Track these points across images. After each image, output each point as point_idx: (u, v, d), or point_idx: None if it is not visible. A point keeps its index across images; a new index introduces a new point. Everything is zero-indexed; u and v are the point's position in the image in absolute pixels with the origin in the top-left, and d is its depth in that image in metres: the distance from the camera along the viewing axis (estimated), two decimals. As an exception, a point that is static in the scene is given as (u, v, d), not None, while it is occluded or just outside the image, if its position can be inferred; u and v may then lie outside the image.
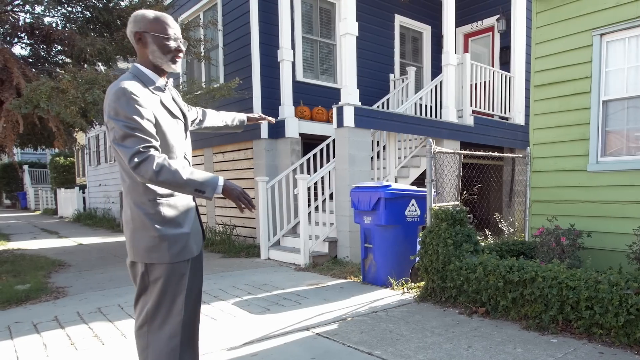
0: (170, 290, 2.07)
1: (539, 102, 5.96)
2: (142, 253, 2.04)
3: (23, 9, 7.23)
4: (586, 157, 5.45)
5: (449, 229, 4.73)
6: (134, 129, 1.90)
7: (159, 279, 2.04)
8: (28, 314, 4.60)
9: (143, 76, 2.08)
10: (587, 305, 3.61)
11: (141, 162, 1.87)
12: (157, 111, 2.03)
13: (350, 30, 6.97)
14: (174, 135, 2.12)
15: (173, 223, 2.07)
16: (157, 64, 2.10)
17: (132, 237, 2.06)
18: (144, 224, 2.03)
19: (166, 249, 2.04)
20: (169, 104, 2.13)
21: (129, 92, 1.93)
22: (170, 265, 2.05)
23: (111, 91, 1.97)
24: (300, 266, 6.84)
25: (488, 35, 10.72)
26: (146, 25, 2.07)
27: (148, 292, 2.08)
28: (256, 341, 3.68)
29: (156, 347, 2.08)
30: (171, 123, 2.12)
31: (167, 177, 1.89)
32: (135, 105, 1.93)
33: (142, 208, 2.03)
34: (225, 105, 8.86)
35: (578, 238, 4.96)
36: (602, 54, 5.35)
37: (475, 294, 4.41)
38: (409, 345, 3.52)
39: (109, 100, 1.96)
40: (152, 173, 1.87)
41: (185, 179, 1.91)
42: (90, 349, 3.59)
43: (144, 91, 2.01)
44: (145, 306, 2.08)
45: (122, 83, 1.97)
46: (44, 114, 5.79)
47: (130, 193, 2.06)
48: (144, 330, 2.09)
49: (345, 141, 6.96)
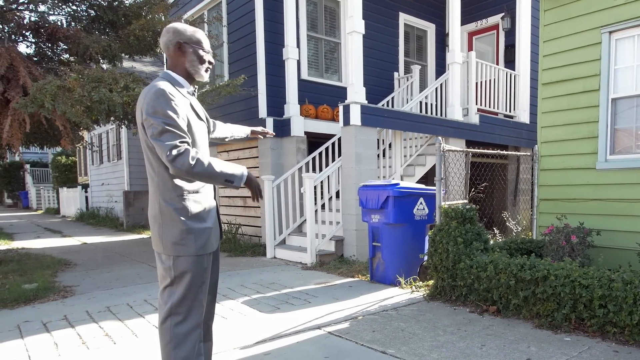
0: (195, 282, 2.21)
1: (547, 100, 5.93)
2: (170, 246, 2.18)
3: (28, 8, 7.22)
4: (595, 155, 5.43)
5: (459, 227, 4.71)
6: (171, 126, 2.08)
7: (186, 271, 2.19)
8: (37, 313, 4.58)
9: (175, 82, 2.27)
10: (601, 304, 3.59)
11: (178, 156, 2.03)
12: (188, 113, 2.23)
13: (357, 28, 6.94)
14: (200, 136, 2.31)
15: (198, 218, 2.23)
16: (191, 72, 2.32)
17: (160, 231, 2.21)
18: (172, 218, 2.18)
19: (192, 241, 2.19)
20: (197, 108, 2.34)
21: (167, 93, 2.12)
22: (195, 258, 2.20)
23: (150, 91, 2.15)
24: (307, 265, 6.82)
25: (493, 33, 10.69)
26: (188, 37, 2.30)
27: (174, 285, 2.20)
28: (268, 340, 3.67)
29: (179, 340, 2.19)
30: (199, 125, 2.32)
31: (202, 169, 2.07)
32: (172, 104, 2.12)
33: (171, 203, 2.19)
34: (230, 103, 8.86)
35: (587, 236, 4.95)
36: (611, 52, 5.32)
37: (486, 292, 4.40)
38: (422, 344, 3.51)
39: (147, 99, 2.13)
40: (188, 165, 2.04)
41: (218, 171, 2.12)
42: (102, 348, 3.57)
43: (178, 94, 2.21)
44: (170, 298, 2.20)
45: (160, 84, 2.16)
46: (50, 113, 5.78)
47: (159, 189, 2.21)
48: (167, 325, 2.20)
49: (351, 139, 6.94)
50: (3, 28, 6.96)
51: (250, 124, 8.54)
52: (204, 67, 2.35)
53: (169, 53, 2.31)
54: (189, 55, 2.30)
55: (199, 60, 2.32)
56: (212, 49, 8.82)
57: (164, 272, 2.22)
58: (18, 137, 6.15)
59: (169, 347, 2.20)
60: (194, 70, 2.32)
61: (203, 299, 2.27)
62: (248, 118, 8.64)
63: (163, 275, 2.23)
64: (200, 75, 2.35)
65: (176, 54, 2.30)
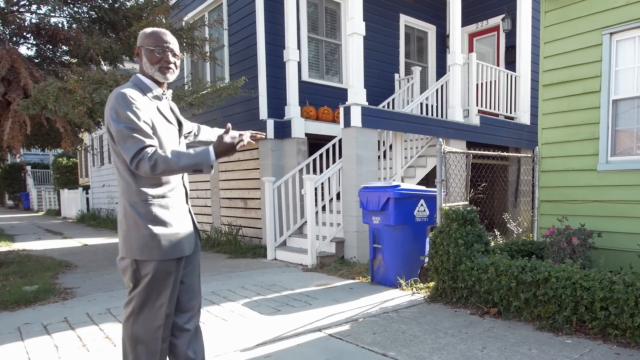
0: (157, 285, 2.22)
1: (548, 102, 5.92)
2: (134, 250, 2.19)
3: (29, 10, 7.23)
4: (596, 156, 5.43)
5: (460, 229, 4.71)
6: (133, 130, 2.09)
7: (148, 274, 2.19)
8: (37, 315, 4.58)
9: (142, 85, 2.29)
10: (602, 306, 3.58)
11: (139, 162, 2.07)
12: (154, 116, 2.23)
13: (358, 29, 6.95)
14: (168, 140, 2.29)
15: (164, 223, 2.23)
16: (150, 74, 2.30)
17: (125, 235, 2.22)
18: (136, 222, 2.19)
19: (156, 247, 2.19)
20: (165, 111, 2.32)
21: (128, 97, 2.14)
22: (159, 263, 2.20)
23: (112, 96, 2.17)
24: (307, 267, 6.82)
25: (493, 34, 10.70)
26: (142, 40, 2.30)
27: (137, 288, 2.23)
28: (269, 342, 3.66)
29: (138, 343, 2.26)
30: (167, 128, 2.30)
31: (163, 168, 2.08)
32: (134, 108, 2.13)
33: (135, 208, 2.19)
34: (231, 105, 8.87)
35: (588, 238, 4.94)
36: (612, 53, 5.32)
37: (487, 294, 4.39)
38: (423, 347, 3.50)
39: (110, 105, 2.16)
40: (148, 168, 2.06)
41: (180, 165, 2.10)
42: (102, 350, 3.57)
43: (142, 98, 2.22)
44: (132, 301, 2.24)
45: (122, 89, 2.19)
46: (52, 115, 5.78)
47: (125, 193, 2.22)
48: (131, 321, 2.26)
49: (352, 141, 6.94)
50: (4, 30, 6.96)
51: (251, 126, 8.60)
52: (158, 67, 2.27)
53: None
54: (143, 58, 2.28)
55: (151, 60, 2.27)
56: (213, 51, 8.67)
57: (128, 275, 2.24)
58: (19, 139, 6.14)
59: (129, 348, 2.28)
60: (151, 72, 2.29)
61: (165, 304, 2.26)
62: (249, 120, 8.64)
63: (127, 278, 2.25)
64: (158, 75, 2.29)
65: (138, 59, 2.32)
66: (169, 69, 2.30)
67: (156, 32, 2.30)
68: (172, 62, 2.31)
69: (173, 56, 2.32)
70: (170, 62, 2.30)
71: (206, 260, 7.69)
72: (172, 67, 2.31)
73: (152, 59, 2.27)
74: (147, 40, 2.28)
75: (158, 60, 2.27)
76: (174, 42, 2.34)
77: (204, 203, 10.61)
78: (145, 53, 2.27)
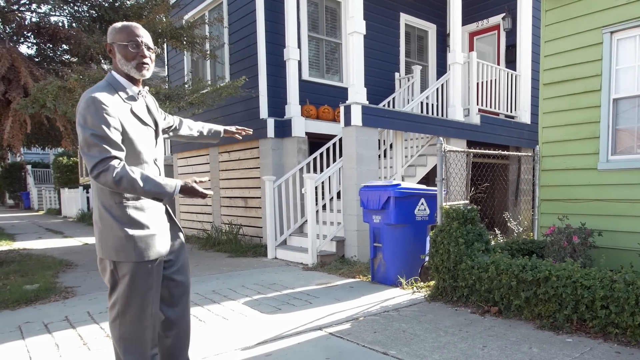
0: (138, 286, 2.19)
1: (549, 100, 5.92)
2: (111, 252, 2.17)
3: (29, 8, 7.22)
4: (596, 155, 5.43)
5: (460, 228, 4.71)
6: (100, 138, 2.01)
7: (126, 275, 2.17)
8: (38, 314, 4.58)
9: (117, 84, 2.20)
10: (603, 305, 3.59)
11: (101, 172, 2.00)
12: (126, 119, 2.14)
13: (358, 28, 6.94)
14: (143, 142, 2.23)
15: (139, 224, 2.19)
16: (125, 72, 2.21)
17: (100, 237, 2.19)
18: (111, 224, 2.16)
19: (132, 248, 2.15)
20: (139, 112, 2.24)
21: (98, 102, 2.04)
22: (136, 264, 2.17)
23: (83, 99, 2.08)
24: (308, 266, 6.82)
25: (493, 33, 10.69)
26: (113, 36, 2.19)
27: (119, 288, 2.20)
28: (270, 341, 3.67)
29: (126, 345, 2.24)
30: (141, 130, 2.23)
31: (126, 187, 2.04)
32: (103, 114, 2.03)
33: (109, 210, 2.16)
34: (231, 104, 8.87)
35: (589, 237, 4.94)
36: (613, 52, 5.32)
37: (487, 293, 4.39)
38: (423, 345, 3.50)
39: (80, 108, 2.07)
40: (111, 182, 2.01)
41: (144, 190, 2.07)
42: (103, 349, 3.57)
43: (115, 100, 2.12)
44: (118, 301, 2.21)
45: (93, 92, 2.08)
46: (51, 113, 5.77)
47: (99, 195, 2.18)
48: (117, 323, 2.23)
49: (352, 140, 6.94)
50: (4, 29, 6.96)
51: (251, 125, 8.60)
52: (134, 63, 2.18)
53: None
54: (117, 55, 2.18)
55: (126, 57, 2.17)
56: (213, 50, 8.69)
57: (108, 277, 2.21)
58: (19, 138, 6.15)
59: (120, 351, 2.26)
60: (127, 69, 2.19)
61: (149, 304, 2.23)
62: (249, 119, 8.64)
63: (107, 280, 2.23)
64: (134, 72, 2.21)
65: (111, 56, 2.22)
66: (144, 64, 2.22)
67: (127, 26, 2.21)
68: (148, 57, 2.23)
69: (147, 50, 2.23)
70: (146, 57, 2.22)
71: (206, 259, 7.69)
72: (147, 62, 2.23)
73: (127, 55, 2.17)
74: (118, 36, 2.18)
75: (134, 56, 2.18)
76: (147, 35, 2.26)
77: (204, 202, 10.61)
78: (119, 49, 2.17)
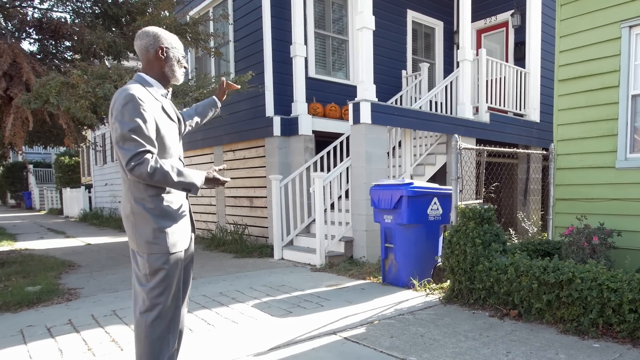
0: (169, 277, 2.29)
1: (564, 97, 5.77)
2: (144, 245, 2.26)
3: (31, 4, 7.09)
4: (614, 153, 5.27)
5: (477, 228, 4.55)
6: (136, 133, 2.12)
7: (160, 269, 2.26)
8: (41, 317, 4.43)
9: (148, 85, 2.34)
10: (631, 308, 3.43)
11: (137, 165, 2.11)
12: (158, 116, 2.28)
13: (367, 24, 6.79)
14: (171, 138, 2.37)
15: (170, 217, 2.31)
16: (169, 76, 2.41)
17: (134, 231, 2.29)
18: (144, 217, 2.25)
19: (165, 240, 2.26)
20: (168, 110, 2.39)
21: (136, 98, 2.16)
22: (168, 255, 2.28)
23: (120, 95, 2.18)
24: (316, 266, 6.66)
25: (502, 30, 10.52)
26: (171, 42, 2.40)
27: (150, 282, 2.27)
28: (283, 346, 3.51)
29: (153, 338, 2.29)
30: (170, 127, 2.37)
31: (159, 179, 2.16)
32: (140, 110, 2.16)
33: (142, 203, 2.25)
34: (236, 102, 8.72)
35: (608, 237, 4.78)
36: (632, 47, 5.16)
37: (506, 295, 4.24)
38: (444, 351, 3.35)
39: (117, 104, 2.17)
40: (146, 174, 2.12)
41: (175, 182, 2.21)
42: (109, 354, 3.42)
43: (149, 98, 2.26)
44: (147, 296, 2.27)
45: (130, 89, 2.20)
46: (54, 109, 5.62)
47: (131, 189, 2.26)
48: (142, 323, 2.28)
49: (361, 138, 6.78)
50: (6, 24, 6.82)
51: (257, 123, 8.46)
52: (182, 71, 2.45)
53: (148, 56, 2.35)
54: (170, 60, 2.38)
55: (178, 64, 2.42)
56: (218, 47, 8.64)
57: (139, 270, 2.30)
58: (21, 136, 5.99)
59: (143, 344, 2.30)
60: (172, 74, 2.41)
61: (179, 297, 2.37)
62: (255, 116, 8.50)
63: (138, 273, 2.32)
64: (177, 78, 2.45)
65: (156, 58, 2.36)
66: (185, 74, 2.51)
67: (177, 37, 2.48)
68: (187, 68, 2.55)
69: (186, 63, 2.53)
70: (187, 68, 2.53)
71: (212, 259, 7.54)
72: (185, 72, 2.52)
73: (180, 63, 2.42)
74: (176, 44, 2.42)
75: (182, 65, 2.44)
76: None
77: (208, 202, 10.46)
78: (175, 56, 2.40)
